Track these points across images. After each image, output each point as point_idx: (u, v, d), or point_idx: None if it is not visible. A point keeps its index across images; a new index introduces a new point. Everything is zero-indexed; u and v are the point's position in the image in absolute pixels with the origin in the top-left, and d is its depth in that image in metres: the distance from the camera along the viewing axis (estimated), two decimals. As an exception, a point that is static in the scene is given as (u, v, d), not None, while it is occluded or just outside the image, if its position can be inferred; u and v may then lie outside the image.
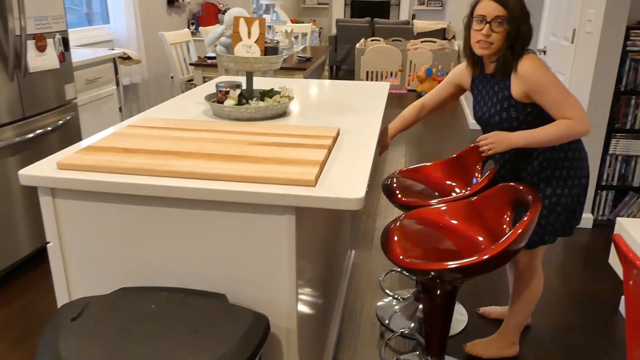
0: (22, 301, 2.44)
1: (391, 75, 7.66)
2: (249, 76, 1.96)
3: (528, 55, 1.79)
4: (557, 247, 3.07)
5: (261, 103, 1.86)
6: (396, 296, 2.53)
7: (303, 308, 1.47)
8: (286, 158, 1.40)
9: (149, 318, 1.21)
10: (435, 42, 7.75)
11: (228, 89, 1.89)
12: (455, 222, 1.87)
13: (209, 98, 1.93)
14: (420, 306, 2.40)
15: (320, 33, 10.80)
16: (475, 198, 1.89)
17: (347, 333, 2.29)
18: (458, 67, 2.07)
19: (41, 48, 2.66)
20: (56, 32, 2.76)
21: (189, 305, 1.26)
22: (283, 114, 1.93)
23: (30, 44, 2.58)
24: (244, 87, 1.97)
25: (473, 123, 5.64)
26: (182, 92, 4.70)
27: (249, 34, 1.87)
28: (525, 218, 1.60)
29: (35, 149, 2.69)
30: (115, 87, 3.67)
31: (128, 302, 1.26)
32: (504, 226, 1.75)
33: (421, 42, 7.74)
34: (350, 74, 8.67)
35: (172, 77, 4.83)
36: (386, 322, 2.36)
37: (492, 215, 1.82)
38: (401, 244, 1.72)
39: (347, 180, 1.31)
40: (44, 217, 1.39)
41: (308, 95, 2.31)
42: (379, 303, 2.50)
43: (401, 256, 1.65)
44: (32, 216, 2.69)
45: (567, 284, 2.70)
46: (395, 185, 2.22)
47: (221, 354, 1.11)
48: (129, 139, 1.55)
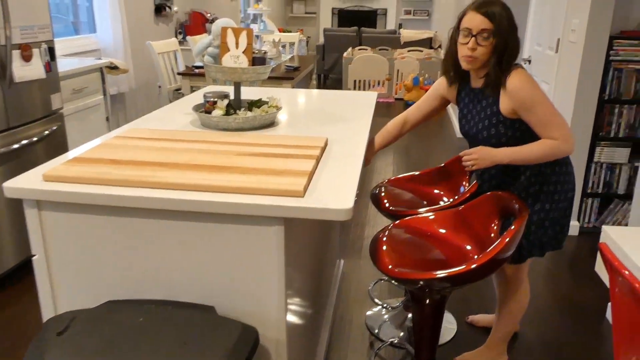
0: (6, 315, 2.40)
1: (378, 84, 7.71)
2: (237, 86, 1.96)
3: (517, 70, 1.75)
4: (544, 255, 3.09)
5: (249, 113, 1.86)
6: (385, 305, 2.53)
7: (292, 319, 1.46)
8: (274, 169, 1.40)
9: (137, 331, 1.19)
10: (422, 51, 7.82)
11: (216, 99, 1.89)
12: (443, 231, 1.88)
13: (197, 108, 1.93)
14: (409, 315, 2.41)
15: (307, 42, 10.85)
16: (462, 207, 1.91)
17: (337, 343, 2.29)
18: (442, 79, 2.01)
19: (27, 58, 2.64)
20: (42, 42, 2.74)
21: (177, 317, 1.25)
22: (271, 124, 1.93)
23: (15, 54, 2.56)
24: (232, 97, 1.97)
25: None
26: (170, 102, 4.69)
27: (237, 45, 1.87)
28: (512, 227, 1.61)
29: (20, 160, 2.66)
30: (102, 97, 3.65)
31: (115, 316, 1.25)
32: (492, 235, 1.77)
33: (408, 51, 7.81)
34: (337, 83, 8.70)
35: (160, 87, 4.81)
36: (376, 332, 2.35)
37: (480, 224, 1.83)
38: (390, 254, 1.72)
39: (336, 190, 1.32)
40: (30, 230, 1.38)
41: (296, 104, 2.32)
42: (368, 312, 2.50)
43: (390, 266, 1.65)
44: (17, 227, 2.66)
45: (555, 292, 2.71)
46: (383, 194, 2.22)
47: (210, 367, 1.10)
48: (116, 150, 1.54)
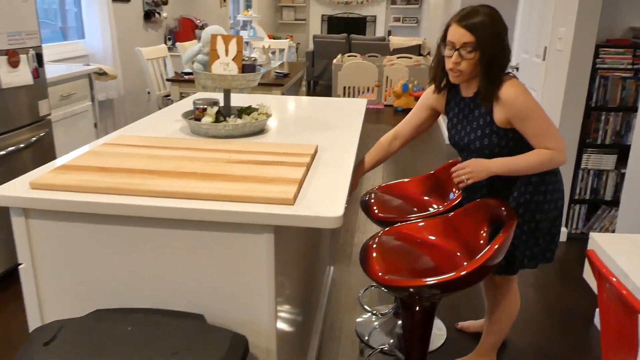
0: (-8, 323, 2.37)
1: (368, 90, 7.74)
2: (227, 93, 1.96)
3: (511, 81, 1.73)
4: (537, 267, 3.11)
5: (239, 120, 1.86)
6: (375, 312, 2.53)
7: (282, 327, 1.46)
8: (264, 176, 1.40)
9: (125, 340, 1.18)
10: (411, 58, 7.86)
11: (205, 106, 1.88)
12: (433, 238, 1.89)
13: (187, 115, 1.92)
14: (399, 322, 2.41)
15: (297, 49, 10.88)
16: (452, 214, 1.91)
17: (327, 350, 2.28)
18: (430, 89, 1.97)
19: (14, 64, 2.62)
20: (30, 48, 2.72)
21: (166, 326, 1.24)
22: (261, 131, 1.93)
23: (2, 60, 2.54)
24: (222, 104, 1.96)
25: (449, 138, 5.71)
26: (159, 108, 4.68)
27: (227, 52, 1.87)
28: (501, 234, 1.62)
29: (7, 167, 2.63)
30: (90, 103, 3.62)
31: (103, 325, 1.24)
32: (481, 242, 1.77)
33: (397, 58, 7.85)
34: (327, 89, 8.72)
35: (149, 93, 4.79)
36: (366, 339, 2.35)
37: (469, 231, 1.84)
38: (380, 261, 1.72)
39: (326, 198, 1.32)
40: (16, 239, 1.36)
41: (286, 112, 2.32)
42: (359, 319, 2.49)
43: (380, 273, 1.65)
44: (4, 235, 2.62)
45: (543, 298, 2.73)
46: (373, 201, 2.23)
47: (199, 377, 1.09)
48: (105, 158, 1.53)
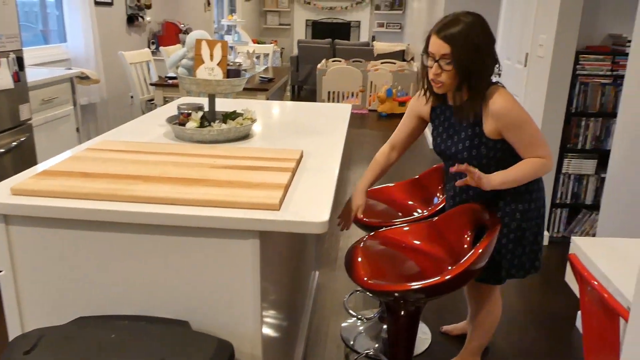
0: (-29, 332, 2.32)
1: (352, 95, 7.77)
2: (211, 98, 1.95)
3: (499, 91, 1.70)
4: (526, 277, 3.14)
5: (224, 125, 1.85)
6: (360, 317, 2.53)
7: (268, 332, 1.45)
8: (249, 181, 1.40)
9: (109, 348, 1.17)
10: (394, 63, 7.91)
11: (190, 111, 1.87)
12: (417, 243, 1.90)
13: (171, 120, 1.91)
14: (384, 326, 2.41)
15: (282, 53, 10.89)
16: (437, 219, 1.93)
17: (313, 355, 2.27)
18: (414, 98, 1.94)
19: (-6, 68, 2.58)
20: (10, 52, 2.69)
21: (151, 333, 1.22)
22: (246, 136, 1.92)
23: (-18, 64, 2.51)
24: (206, 109, 1.96)
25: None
26: (142, 112, 4.64)
27: (211, 57, 1.86)
28: (485, 238, 1.64)
29: (-14, 172, 2.60)
30: (72, 107, 3.58)
31: (86, 333, 1.22)
32: (465, 246, 1.79)
33: (381, 63, 7.90)
34: (312, 94, 8.74)
35: (132, 97, 4.75)
36: (351, 343, 2.35)
37: (454, 235, 1.85)
38: (365, 265, 1.73)
39: (311, 203, 1.32)
40: (-4, 245, 1.34)
41: (271, 117, 2.32)
42: (344, 324, 2.49)
43: (365, 278, 1.66)
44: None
45: (525, 301, 2.76)
46: (358, 206, 2.23)
47: (184, 384, 1.08)
48: (88, 163, 1.51)
